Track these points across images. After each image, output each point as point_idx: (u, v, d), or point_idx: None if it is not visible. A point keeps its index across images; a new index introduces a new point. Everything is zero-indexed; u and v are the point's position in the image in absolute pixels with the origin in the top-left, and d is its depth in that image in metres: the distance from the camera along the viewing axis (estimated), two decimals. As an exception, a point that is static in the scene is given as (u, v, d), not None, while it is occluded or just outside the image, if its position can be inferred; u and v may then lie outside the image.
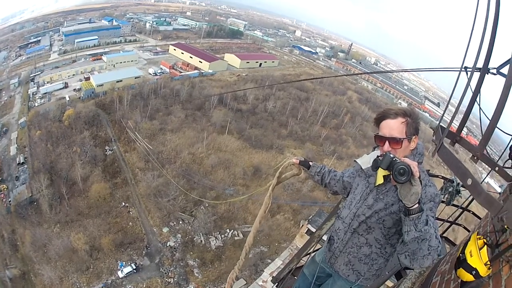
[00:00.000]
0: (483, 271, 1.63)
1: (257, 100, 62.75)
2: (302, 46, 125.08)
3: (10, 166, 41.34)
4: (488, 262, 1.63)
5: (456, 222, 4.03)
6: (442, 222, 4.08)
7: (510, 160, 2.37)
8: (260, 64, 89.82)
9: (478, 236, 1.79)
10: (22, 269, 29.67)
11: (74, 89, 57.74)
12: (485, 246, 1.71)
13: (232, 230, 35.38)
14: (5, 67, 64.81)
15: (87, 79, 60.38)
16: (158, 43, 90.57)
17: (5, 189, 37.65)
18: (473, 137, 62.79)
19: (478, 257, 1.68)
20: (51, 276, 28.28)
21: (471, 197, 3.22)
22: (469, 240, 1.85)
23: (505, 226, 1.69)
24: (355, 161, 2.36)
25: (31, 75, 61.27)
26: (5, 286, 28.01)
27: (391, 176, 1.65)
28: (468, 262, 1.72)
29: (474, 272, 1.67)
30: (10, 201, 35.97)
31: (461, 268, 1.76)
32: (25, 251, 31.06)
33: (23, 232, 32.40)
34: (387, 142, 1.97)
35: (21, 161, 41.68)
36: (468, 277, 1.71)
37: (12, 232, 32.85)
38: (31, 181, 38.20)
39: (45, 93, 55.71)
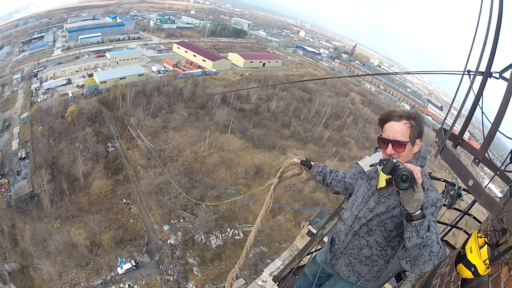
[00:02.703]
0: (482, 269, 1.65)
1: (260, 100, 62.64)
2: (306, 47, 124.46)
3: (11, 160, 41.29)
4: (487, 261, 1.65)
5: (456, 226, 4.02)
6: (446, 226, 4.12)
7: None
8: (264, 64, 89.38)
9: (479, 234, 1.81)
10: (21, 263, 29.60)
11: (77, 86, 57.58)
12: (486, 245, 1.72)
13: (233, 229, 35.33)
14: (8, 62, 64.86)
15: (90, 75, 60.46)
16: (162, 41, 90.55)
17: (6, 183, 37.56)
18: (475, 141, 62.45)
19: (477, 254, 1.69)
20: (50, 271, 28.24)
21: (472, 201, 3.22)
22: (470, 236, 1.88)
23: (505, 227, 1.71)
24: (357, 163, 2.36)
25: (34, 71, 61.15)
26: (3, 279, 27.95)
27: (393, 182, 1.64)
28: (468, 258, 1.74)
29: (473, 268, 1.68)
30: (10, 195, 35.93)
31: (460, 264, 1.79)
32: (24, 246, 31.00)
33: (23, 227, 32.32)
34: (390, 145, 1.95)
35: (23, 156, 41.62)
36: (467, 273, 1.73)
37: (12, 226, 32.78)
38: (32, 176, 38.21)
39: (48, 89, 55.64)
